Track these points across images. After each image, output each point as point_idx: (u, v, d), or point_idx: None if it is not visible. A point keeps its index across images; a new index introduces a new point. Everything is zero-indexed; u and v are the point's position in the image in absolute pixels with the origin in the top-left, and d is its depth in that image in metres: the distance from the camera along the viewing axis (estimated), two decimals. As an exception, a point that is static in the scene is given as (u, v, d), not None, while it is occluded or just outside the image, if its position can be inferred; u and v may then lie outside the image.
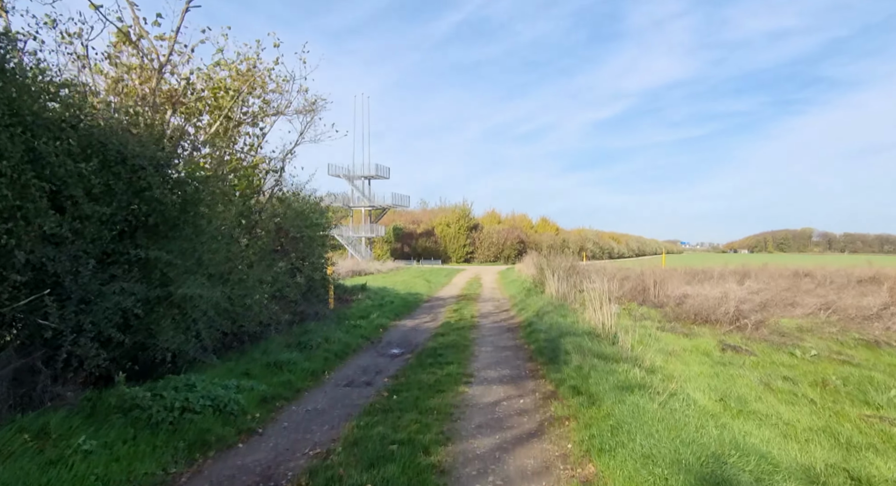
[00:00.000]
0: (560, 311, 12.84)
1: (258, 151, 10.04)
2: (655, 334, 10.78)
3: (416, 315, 14.65)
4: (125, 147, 5.37)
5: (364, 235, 55.18)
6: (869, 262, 27.69)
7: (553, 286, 16.36)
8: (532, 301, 15.74)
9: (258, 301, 8.22)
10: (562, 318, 11.71)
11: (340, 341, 9.61)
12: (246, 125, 10.09)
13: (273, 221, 10.49)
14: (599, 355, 7.70)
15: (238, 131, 9.79)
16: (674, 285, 17.36)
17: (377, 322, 12.21)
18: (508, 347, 9.89)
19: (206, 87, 8.90)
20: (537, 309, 13.80)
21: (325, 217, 12.09)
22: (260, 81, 9.99)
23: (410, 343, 10.25)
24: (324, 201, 13.12)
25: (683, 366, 8.13)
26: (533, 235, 76.12)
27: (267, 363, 7.29)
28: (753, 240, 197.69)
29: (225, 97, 9.24)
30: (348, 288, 19.54)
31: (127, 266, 5.78)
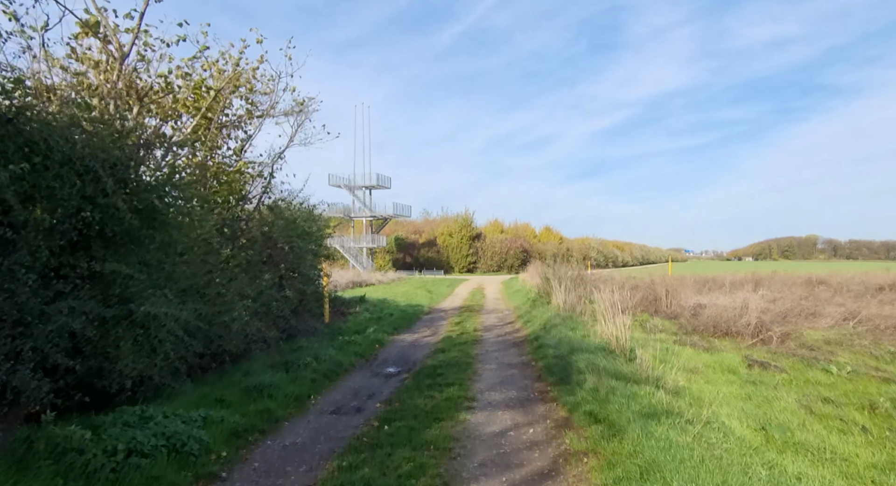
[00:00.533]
0: (568, 323, 12.06)
1: (243, 154, 9.35)
2: (673, 348, 9.99)
3: (416, 329, 13.87)
4: (72, 146, 4.67)
5: (365, 245, 54.48)
6: (886, 269, 26.76)
7: (560, 297, 15.57)
8: (538, 313, 14.95)
9: (239, 318, 7.47)
10: (571, 331, 10.92)
11: (332, 359, 8.84)
12: (230, 128, 9.42)
13: (261, 230, 9.78)
14: (616, 375, 6.92)
15: (221, 134, 9.11)
16: (686, 295, 16.55)
17: (374, 337, 11.44)
18: (514, 364, 9.11)
19: (184, 85, 8.24)
20: (544, 321, 13.01)
21: (317, 226, 11.38)
22: (244, 81, 9.33)
23: (408, 361, 9.47)
24: (318, 209, 12.41)
25: (710, 386, 7.34)
26: (536, 245, 75.32)
27: (246, 388, 6.53)
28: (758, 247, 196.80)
29: (206, 98, 8.57)
30: (346, 300, 18.79)
31: (79, 281, 5.06)
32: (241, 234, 9.21)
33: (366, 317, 15.19)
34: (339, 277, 33.68)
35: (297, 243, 10.40)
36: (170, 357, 5.65)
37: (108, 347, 5.14)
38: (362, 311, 16.72)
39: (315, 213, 11.97)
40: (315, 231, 11.15)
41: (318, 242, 11.72)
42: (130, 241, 5.51)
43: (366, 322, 14.06)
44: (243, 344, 7.76)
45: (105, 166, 4.90)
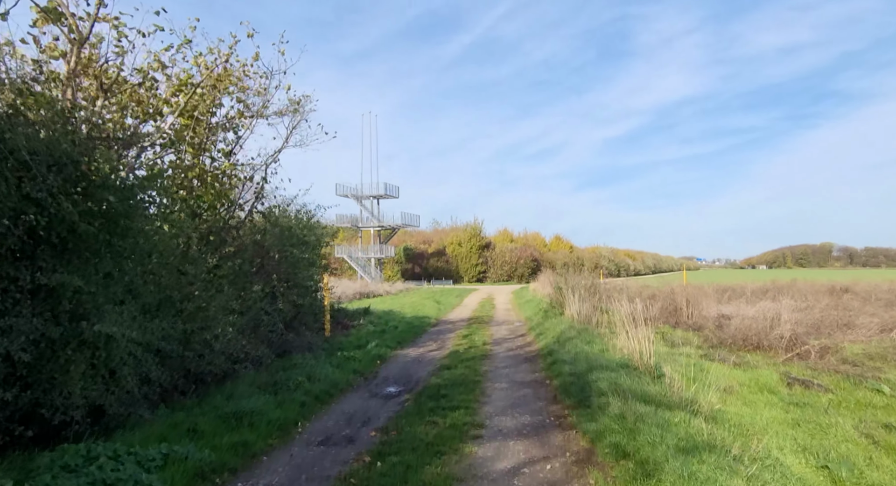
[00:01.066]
0: (584, 336, 11.22)
1: (232, 157, 8.69)
2: (701, 364, 9.11)
3: (422, 342, 13.08)
4: (8, 137, 3.99)
5: (373, 255, 53.84)
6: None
7: (574, 307, 14.73)
8: (551, 325, 14.11)
9: (223, 335, 6.75)
10: (587, 345, 10.09)
11: (327, 378, 8.09)
12: (220, 129, 8.77)
13: (252, 238, 9.10)
14: (644, 398, 6.09)
15: (209, 135, 8.45)
16: (707, 305, 15.65)
17: (375, 353, 10.67)
18: (526, 383, 8.29)
19: (165, 80, 7.60)
20: (557, 334, 12.18)
21: (314, 234, 10.68)
22: (235, 80, 8.70)
23: (410, 379, 8.69)
24: (316, 216, 11.72)
25: (748, 409, 6.49)
26: (546, 254, 74.35)
27: (225, 414, 5.78)
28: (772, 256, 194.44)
29: (191, 95, 7.93)
30: (350, 313, 18.07)
31: (20, 296, 4.36)
32: (230, 242, 8.52)
33: (369, 330, 14.46)
34: (346, 287, 33.03)
35: (291, 252, 9.71)
36: (128, 383, 4.92)
37: (56, 372, 4.43)
38: (366, 323, 15.98)
39: (313, 220, 11.29)
40: (312, 240, 10.45)
41: (316, 251, 11.02)
42: (87, 249, 4.81)
43: (368, 336, 13.32)
44: (227, 364, 7.02)
45: (47, 162, 4.21)
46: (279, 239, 9.55)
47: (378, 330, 14.47)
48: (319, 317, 11.36)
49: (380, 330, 14.46)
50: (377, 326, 15.66)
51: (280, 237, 9.59)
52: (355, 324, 15.90)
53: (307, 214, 10.46)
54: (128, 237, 5.14)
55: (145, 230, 5.83)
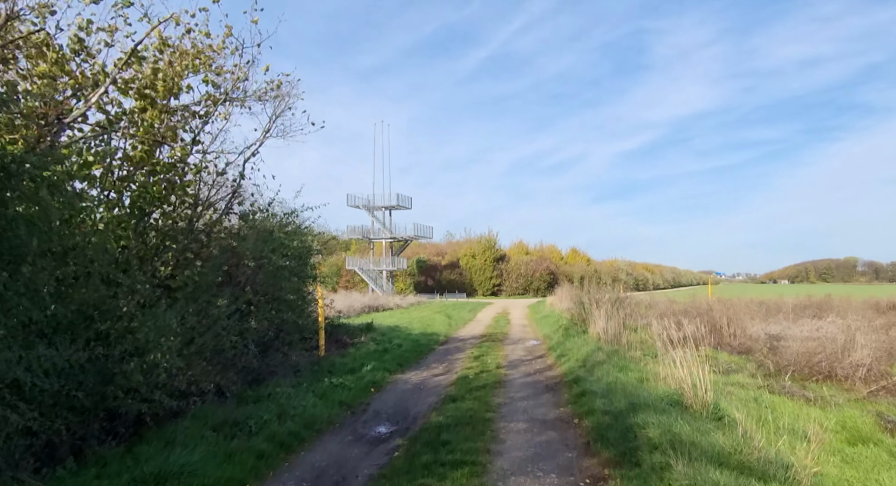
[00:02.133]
0: (616, 360, 9.58)
1: (197, 145, 7.29)
2: (763, 398, 7.43)
3: (427, 364, 11.51)
4: None
5: (385, 268, 52.46)
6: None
7: (599, 325, 13.06)
8: (574, 345, 12.46)
9: (160, 362, 5.27)
10: (621, 373, 8.46)
11: (304, 414, 6.57)
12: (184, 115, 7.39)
13: (222, 243, 7.66)
14: (714, 456, 4.46)
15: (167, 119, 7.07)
16: (751, 323, 13.88)
17: (370, 378, 9.13)
18: (550, 422, 6.68)
19: (105, 46, 6.24)
20: (583, 357, 10.54)
21: (300, 240, 9.23)
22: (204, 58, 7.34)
23: (407, 415, 7.12)
24: (307, 222, 10.29)
25: (854, 471, 4.82)
26: (563, 267, 72.41)
27: (143, 478, 4.27)
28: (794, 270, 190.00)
29: (143, 70, 6.57)
30: (352, 329, 16.58)
31: None
32: (192, 247, 7.09)
33: (370, 349, 12.93)
34: (354, 301, 31.64)
35: (271, 259, 8.25)
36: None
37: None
38: (367, 341, 14.46)
39: (302, 225, 9.85)
40: (297, 246, 8.99)
41: (305, 260, 9.56)
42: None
43: (367, 356, 11.79)
44: (170, 400, 5.53)
45: None
46: (256, 244, 8.11)
47: (380, 349, 12.94)
48: (310, 335, 9.85)
49: (381, 349, 12.93)
50: (380, 344, 14.14)
51: (257, 242, 8.15)
52: (356, 342, 14.39)
53: (293, 215, 9.03)
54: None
55: (56, 227, 4.42)
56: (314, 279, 10.02)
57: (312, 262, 9.69)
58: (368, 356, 11.78)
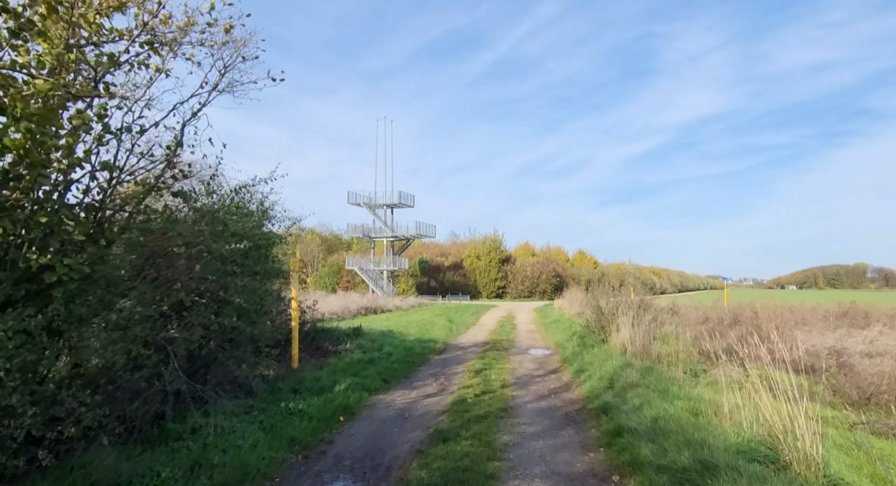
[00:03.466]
0: (651, 380, 7.63)
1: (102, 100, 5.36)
2: (864, 442, 5.44)
3: (418, 380, 9.56)
4: None
5: (386, 268, 50.52)
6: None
7: (624, 334, 11.08)
8: (594, 357, 10.49)
9: None
10: (665, 400, 6.50)
11: (233, 462, 4.65)
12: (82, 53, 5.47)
13: (141, 225, 5.74)
14: None
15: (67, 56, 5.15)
16: (799, 334, 11.86)
17: (342, 400, 7.20)
18: (578, 479, 4.71)
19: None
20: (609, 374, 8.56)
21: (255, 221, 7.28)
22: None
23: (378, 464, 5.16)
24: (267, 203, 8.35)
25: None
26: (570, 269, 70.32)
27: None
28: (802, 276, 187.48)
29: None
30: (339, 334, 14.65)
31: None
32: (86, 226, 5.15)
33: (355, 358, 11.03)
34: (350, 302, 29.71)
35: (213, 249, 6.31)
36: None
37: None
38: (353, 348, 12.55)
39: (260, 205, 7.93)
40: (250, 231, 7.03)
41: (264, 252, 7.61)
42: None
43: (348, 368, 9.90)
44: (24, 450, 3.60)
45: None
46: (191, 228, 6.18)
47: (365, 359, 11.03)
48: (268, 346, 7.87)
49: (367, 359, 11.01)
50: (367, 352, 12.23)
51: (193, 227, 6.23)
52: (339, 350, 12.48)
53: (244, 191, 7.07)
54: None
55: None
56: (278, 276, 8.05)
57: (275, 254, 7.72)
58: (349, 369, 9.88)
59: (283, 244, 9.38)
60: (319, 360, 11.08)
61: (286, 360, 10.43)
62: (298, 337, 12.48)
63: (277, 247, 9.44)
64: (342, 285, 56.87)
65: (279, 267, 8.28)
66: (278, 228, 8.64)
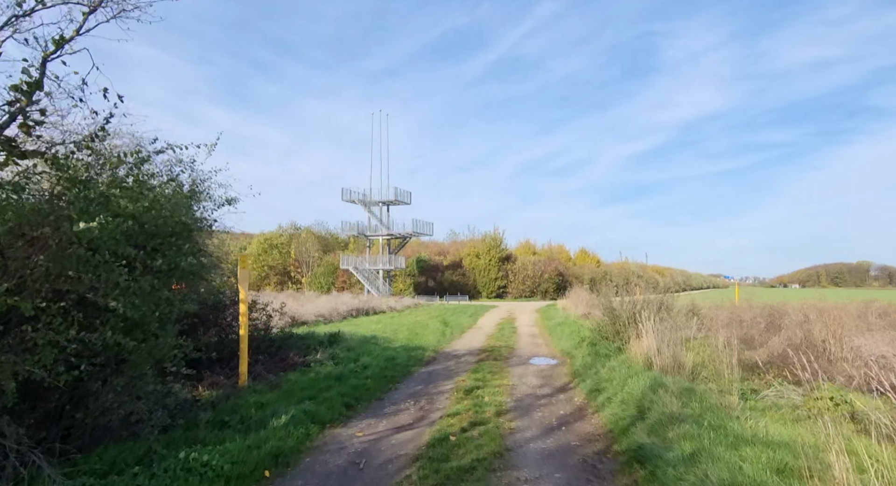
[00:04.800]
0: (697, 407, 5.69)
1: None
2: None
3: (391, 404, 7.60)
4: None
5: (382, 267, 48.61)
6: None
7: (647, 342, 9.12)
8: (612, 372, 8.54)
9: None
10: (730, 448, 4.53)
11: None
12: None
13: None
14: None
15: None
16: (855, 339, 9.88)
17: (275, 442, 5.24)
18: None
19: None
20: (636, 397, 6.61)
21: (164, 201, 5.31)
22: None
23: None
24: (207, 181, 6.42)
25: None
26: (572, 268, 68.41)
27: None
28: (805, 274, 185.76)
29: None
30: (311, 341, 12.72)
31: None
32: None
33: (322, 373, 9.13)
34: (341, 303, 27.74)
35: (67, 230, 4.37)
36: None
37: None
38: (326, 359, 10.63)
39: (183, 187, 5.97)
40: (148, 212, 5.08)
41: (173, 240, 5.63)
42: None
43: (308, 387, 8.00)
44: None
45: None
46: (52, 205, 4.25)
47: (335, 374, 9.11)
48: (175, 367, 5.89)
49: (336, 374, 9.09)
50: (341, 363, 10.34)
51: (54, 202, 4.29)
52: (309, 361, 10.55)
53: (138, 156, 5.10)
54: None
55: None
56: (193, 274, 6.05)
57: (190, 247, 5.72)
58: (311, 387, 7.97)
59: (210, 232, 7.44)
60: (279, 375, 9.15)
61: (232, 377, 8.52)
62: (257, 347, 10.59)
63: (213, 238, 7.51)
64: (338, 285, 54.94)
65: (202, 263, 6.30)
66: (211, 214, 6.69)
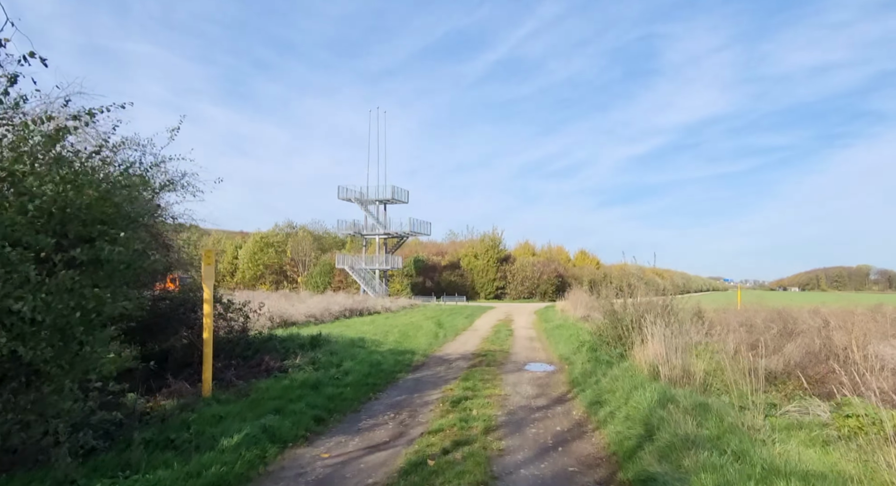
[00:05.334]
0: (714, 428, 4.92)
1: None
2: None
3: (368, 417, 6.81)
4: None
5: (378, 267, 47.80)
6: None
7: (653, 349, 8.33)
8: (613, 381, 7.76)
9: None
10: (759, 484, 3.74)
11: None
12: None
13: None
14: None
15: None
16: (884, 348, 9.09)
17: (220, 469, 4.44)
18: None
19: None
20: (643, 413, 5.83)
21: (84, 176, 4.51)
22: None
23: None
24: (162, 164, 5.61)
25: None
26: (572, 269, 67.54)
27: None
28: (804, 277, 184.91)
29: None
30: (292, 344, 11.95)
31: None
32: None
33: (298, 379, 8.37)
34: (333, 303, 26.95)
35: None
36: None
37: None
38: (306, 364, 9.85)
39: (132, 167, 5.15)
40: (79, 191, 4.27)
41: (114, 227, 4.84)
42: None
43: (281, 395, 7.27)
44: None
45: None
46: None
47: (311, 381, 8.35)
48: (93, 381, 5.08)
49: (313, 381, 8.34)
50: (321, 368, 9.60)
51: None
52: (286, 366, 9.77)
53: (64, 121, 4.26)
54: None
55: None
56: (130, 267, 5.22)
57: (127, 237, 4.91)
58: (282, 397, 7.21)
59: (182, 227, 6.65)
60: (250, 382, 8.37)
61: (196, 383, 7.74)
62: (231, 351, 9.82)
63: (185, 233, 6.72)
64: (334, 285, 54.11)
65: (147, 255, 5.50)
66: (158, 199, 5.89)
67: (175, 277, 33.58)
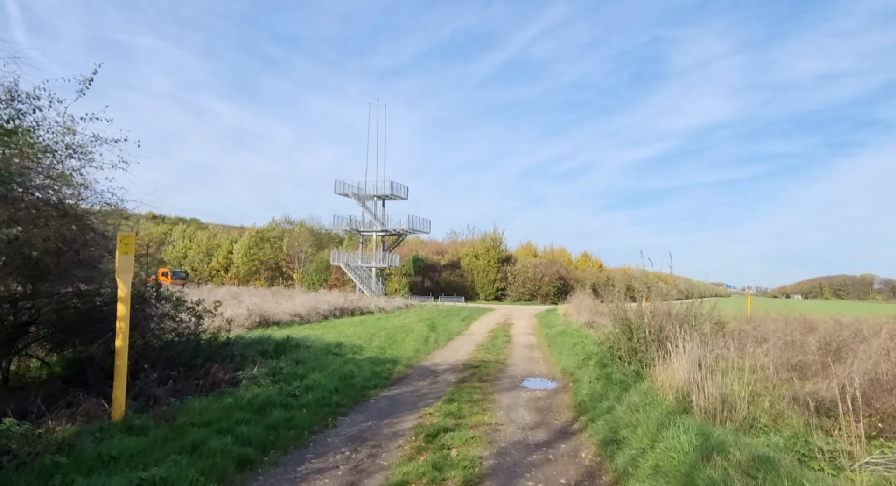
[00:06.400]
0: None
1: None
2: None
3: (314, 457, 5.22)
4: None
5: (375, 265, 46.16)
6: None
7: (686, 373, 6.71)
8: (631, 412, 6.16)
9: None
10: None
11: None
12: None
13: None
14: None
15: None
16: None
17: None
18: None
19: None
20: (683, 468, 4.23)
21: None
22: None
23: None
24: None
25: None
26: (574, 272, 65.80)
27: None
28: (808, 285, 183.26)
29: None
30: (253, 350, 10.40)
31: None
32: None
33: (245, 397, 6.85)
34: (322, 302, 25.34)
35: None
36: None
37: None
38: (264, 375, 8.30)
39: None
40: None
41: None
42: None
43: (213, 422, 5.78)
44: None
45: None
46: None
47: (262, 397, 6.84)
48: None
49: (263, 399, 6.82)
50: (281, 380, 8.11)
51: None
52: (240, 377, 8.22)
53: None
54: None
55: None
56: None
57: None
58: (215, 422, 5.70)
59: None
60: (185, 400, 6.81)
61: (106, 404, 6.17)
62: (174, 359, 8.23)
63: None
64: (330, 282, 52.53)
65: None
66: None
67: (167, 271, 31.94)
